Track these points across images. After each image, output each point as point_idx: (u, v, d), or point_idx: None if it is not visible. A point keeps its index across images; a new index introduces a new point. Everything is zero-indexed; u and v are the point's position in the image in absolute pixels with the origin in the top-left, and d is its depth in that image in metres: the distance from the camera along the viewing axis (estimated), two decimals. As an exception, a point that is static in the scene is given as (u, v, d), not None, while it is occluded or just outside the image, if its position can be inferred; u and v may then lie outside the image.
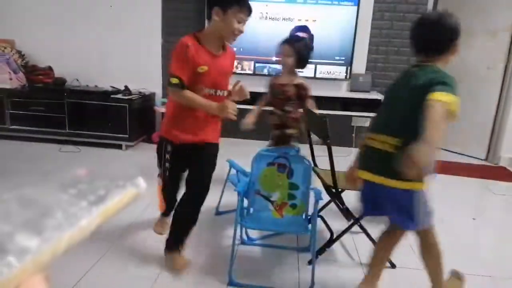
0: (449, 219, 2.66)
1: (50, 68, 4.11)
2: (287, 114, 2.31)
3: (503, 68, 3.99)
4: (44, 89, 3.92)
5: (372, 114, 3.75)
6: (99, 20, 4.06)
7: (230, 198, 2.56)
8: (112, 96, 3.80)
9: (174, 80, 1.70)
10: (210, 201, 2.51)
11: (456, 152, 4.39)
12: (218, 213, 2.47)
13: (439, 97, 1.32)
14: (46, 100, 3.80)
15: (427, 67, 1.53)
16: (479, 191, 3.36)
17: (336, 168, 1.95)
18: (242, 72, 3.90)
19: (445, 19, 1.50)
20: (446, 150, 4.47)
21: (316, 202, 1.82)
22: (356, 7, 3.69)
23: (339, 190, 2.01)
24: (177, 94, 1.74)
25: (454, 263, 2.10)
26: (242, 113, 2.24)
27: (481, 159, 4.21)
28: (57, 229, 0.28)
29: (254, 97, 2.58)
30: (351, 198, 2.09)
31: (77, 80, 4.12)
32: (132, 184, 0.34)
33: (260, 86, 3.59)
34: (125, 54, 4.09)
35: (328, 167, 1.96)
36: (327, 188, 2.12)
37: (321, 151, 2.36)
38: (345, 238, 2.12)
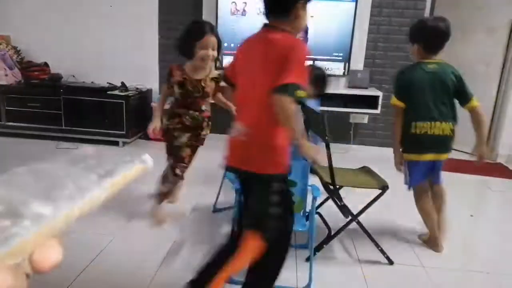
0: (447, 215, 2.67)
1: (46, 64, 4.07)
2: (202, 114, 2.16)
3: (501, 65, 3.99)
4: (40, 85, 3.89)
5: (370, 111, 3.74)
6: (95, 16, 4.02)
7: (228, 195, 2.55)
8: (108, 92, 3.77)
9: (303, 94, 1.32)
10: (208, 198, 2.51)
11: (454, 149, 4.38)
12: (215, 210, 2.46)
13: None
14: (42, 96, 3.77)
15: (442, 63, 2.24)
16: (477, 187, 3.36)
17: (334, 165, 1.94)
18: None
19: None
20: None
21: (314, 199, 1.81)
22: (354, 3, 3.67)
23: (337, 187, 2.00)
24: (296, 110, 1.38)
25: (451, 258, 2.11)
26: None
27: (479, 156, 4.21)
28: (69, 199, 0.30)
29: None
30: (348, 195, 2.09)
31: (73, 76, 4.09)
32: (140, 161, 0.36)
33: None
34: (122, 50, 4.05)
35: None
36: (325, 185, 2.11)
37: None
38: (343, 235, 2.12)
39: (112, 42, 4.05)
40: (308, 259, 1.90)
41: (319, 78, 2.24)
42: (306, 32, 3.75)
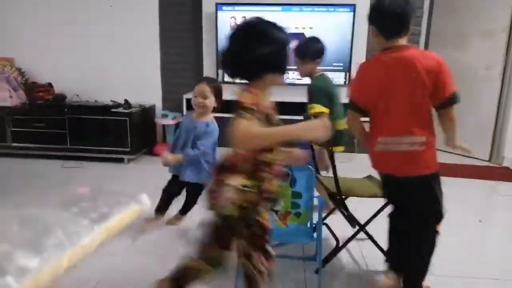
0: (455, 221, 2.64)
1: (50, 85, 4.13)
2: None
3: (502, 68, 3.99)
4: (45, 106, 3.94)
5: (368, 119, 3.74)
6: (96, 35, 4.09)
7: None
8: (112, 110, 3.81)
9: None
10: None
11: (459, 154, 4.36)
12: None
13: None
14: (46, 116, 3.82)
15: None
16: (484, 192, 3.34)
17: (338, 174, 1.93)
18: (241, 82, 3.90)
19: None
20: (449, 152, 4.45)
21: (320, 209, 1.80)
22: (352, 13, 3.71)
23: (343, 197, 2.00)
24: None
25: (461, 265, 2.09)
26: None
27: (485, 160, 4.19)
28: (57, 247, 0.28)
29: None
30: (354, 204, 2.08)
31: (77, 95, 4.14)
32: (135, 201, 0.34)
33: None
34: (124, 67, 4.11)
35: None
36: (330, 195, 2.10)
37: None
38: (351, 245, 2.10)
39: (115, 60, 4.10)
40: (317, 271, 1.88)
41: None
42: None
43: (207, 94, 2.21)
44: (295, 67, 2.53)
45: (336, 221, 2.24)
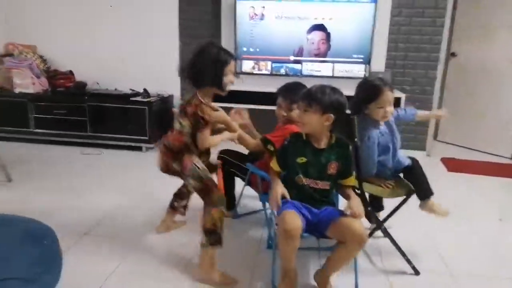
0: (475, 219, 2.60)
1: (71, 72, 4.19)
2: None
3: (528, 62, 3.86)
4: (66, 93, 4.01)
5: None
6: (117, 23, 4.11)
7: (246, 201, 2.56)
8: (131, 98, 3.85)
9: None
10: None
11: (480, 151, 4.27)
12: (236, 216, 2.46)
13: None
14: (67, 103, 3.88)
15: None
16: (505, 190, 3.26)
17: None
18: (259, 72, 3.89)
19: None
20: (470, 148, 4.36)
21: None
22: (374, 4, 3.63)
23: (364, 192, 1.97)
24: None
25: (480, 264, 2.05)
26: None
27: (507, 158, 4.08)
28: None
29: (271, 98, 2.53)
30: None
31: (97, 83, 4.19)
32: None
33: (277, 87, 3.58)
34: (144, 57, 4.13)
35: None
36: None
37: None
38: (368, 243, 2.07)
39: (134, 49, 4.13)
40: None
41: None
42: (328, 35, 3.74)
43: None
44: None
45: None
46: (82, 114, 3.86)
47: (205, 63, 1.76)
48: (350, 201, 1.62)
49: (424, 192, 2.01)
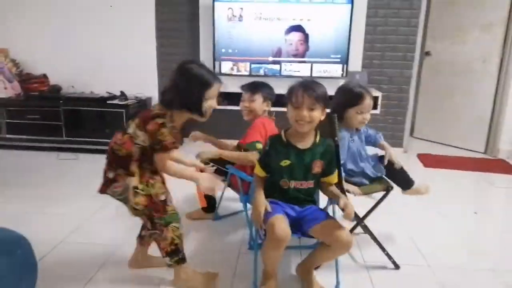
0: (451, 213, 2.66)
1: (45, 76, 4.08)
2: None
3: (499, 61, 4.00)
4: (40, 97, 3.90)
5: (370, 111, 3.73)
6: (92, 26, 4.03)
7: (227, 202, 2.55)
8: (108, 102, 3.78)
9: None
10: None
11: (455, 146, 4.39)
12: (217, 217, 2.45)
13: None
14: (41, 108, 3.78)
15: None
16: (480, 184, 3.36)
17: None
18: (238, 73, 3.88)
19: None
20: (445, 144, 4.48)
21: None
22: (350, 5, 3.68)
23: (344, 189, 1.99)
24: None
25: (457, 257, 2.10)
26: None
27: (480, 152, 4.21)
28: None
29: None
30: (355, 198, 2.08)
31: (73, 87, 4.10)
32: None
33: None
34: (120, 59, 4.06)
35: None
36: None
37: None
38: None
39: (110, 52, 4.06)
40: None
41: None
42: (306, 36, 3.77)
43: None
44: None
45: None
46: (57, 119, 3.76)
47: (184, 84, 1.57)
48: (343, 201, 1.56)
49: (406, 183, 2.11)
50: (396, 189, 2.07)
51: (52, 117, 3.76)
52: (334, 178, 1.73)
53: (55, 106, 3.75)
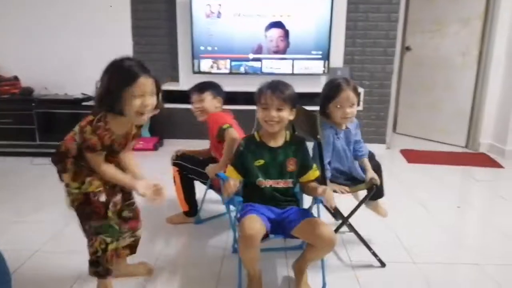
0: (434, 207, 2.66)
1: (16, 78, 3.91)
2: None
3: (477, 54, 4.04)
4: (11, 100, 3.73)
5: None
6: (65, 25, 3.89)
7: (210, 205, 2.48)
8: (83, 103, 3.65)
9: None
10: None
11: (437, 141, 4.42)
12: (199, 221, 2.37)
13: None
14: (13, 112, 3.63)
15: None
16: (462, 178, 3.38)
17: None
18: (218, 71, 3.80)
19: None
20: (426, 139, 4.51)
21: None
22: (330, 1, 3.64)
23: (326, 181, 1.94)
24: None
25: (441, 251, 2.09)
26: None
27: (462, 147, 4.25)
28: None
29: (233, 98, 2.47)
30: (339, 198, 2.04)
31: (46, 88, 3.94)
32: None
33: (237, 86, 3.52)
34: (95, 58, 3.87)
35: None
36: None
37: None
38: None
39: (85, 51, 3.92)
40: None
41: None
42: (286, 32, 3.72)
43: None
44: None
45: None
46: (30, 122, 3.62)
47: (105, 80, 1.39)
48: (321, 188, 1.53)
49: (377, 194, 2.04)
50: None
51: (25, 121, 3.62)
52: (311, 174, 1.70)
53: (28, 109, 3.61)
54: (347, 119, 1.91)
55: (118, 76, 1.38)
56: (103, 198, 1.53)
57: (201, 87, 2.21)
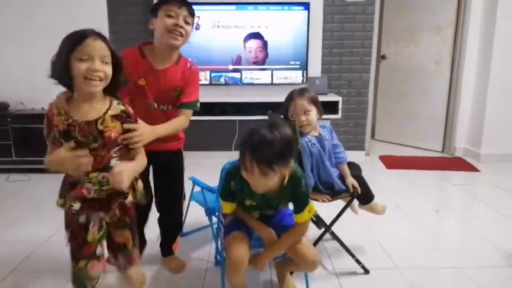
0: (412, 212, 2.71)
1: (-11, 93, 3.81)
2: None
3: (450, 61, 4.17)
4: (-15, 116, 3.63)
5: (331, 116, 3.75)
6: (41, 37, 3.81)
7: (193, 218, 2.46)
8: (61, 117, 3.57)
9: None
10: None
11: (413, 146, 4.53)
12: (182, 234, 2.35)
13: None
14: (-13, 127, 3.52)
15: None
16: (439, 183, 3.46)
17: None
18: (199, 83, 3.79)
19: None
20: (403, 145, 4.61)
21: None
22: (306, 12, 3.72)
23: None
24: None
25: (422, 256, 2.13)
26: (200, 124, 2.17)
27: (438, 151, 4.36)
28: None
29: (211, 108, 2.47)
30: (321, 206, 2.06)
31: (22, 103, 3.85)
32: None
33: (217, 96, 3.53)
34: (73, 72, 3.86)
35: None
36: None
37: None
38: (318, 246, 2.07)
39: (62, 65, 3.86)
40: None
41: None
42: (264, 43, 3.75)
43: None
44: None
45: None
46: (5, 138, 3.52)
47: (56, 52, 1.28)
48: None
49: (365, 198, 2.07)
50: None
51: (0, 136, 3.52)
52: (302, 217, 1.50)
53: (3, 124, 3.51)
54: (304, 127, 1.89)
55: (66, 39, 1.27)
56: (82, 219, 1.42)
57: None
